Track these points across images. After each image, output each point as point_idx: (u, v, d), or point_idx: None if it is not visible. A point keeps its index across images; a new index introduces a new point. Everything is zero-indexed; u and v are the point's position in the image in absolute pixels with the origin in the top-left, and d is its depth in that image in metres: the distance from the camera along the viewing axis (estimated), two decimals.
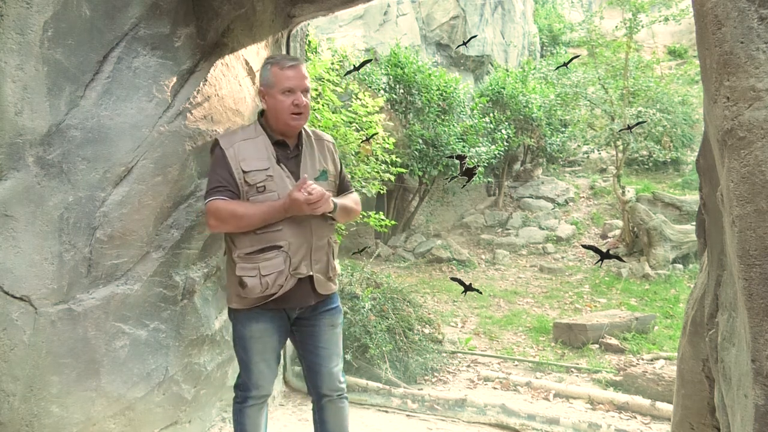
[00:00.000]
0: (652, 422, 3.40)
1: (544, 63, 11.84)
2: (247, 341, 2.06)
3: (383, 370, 3.82)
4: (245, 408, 2.13)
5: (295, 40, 3.27)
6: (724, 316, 1.44)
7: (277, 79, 2.00)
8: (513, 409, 3.28)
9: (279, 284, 1.97)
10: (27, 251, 1.92)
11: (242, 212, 1.94)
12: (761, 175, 1.15)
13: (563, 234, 9.21)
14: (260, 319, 2.04)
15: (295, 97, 1.99)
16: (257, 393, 2.11)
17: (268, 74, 2.03)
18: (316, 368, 2.15)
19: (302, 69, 2.03)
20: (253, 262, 1.97)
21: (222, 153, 2.00)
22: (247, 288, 1.96)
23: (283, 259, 1.98)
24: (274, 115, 2.04)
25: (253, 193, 1.97)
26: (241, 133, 2.08)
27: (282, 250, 1.98)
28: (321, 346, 2.14)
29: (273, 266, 1.96)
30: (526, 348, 5.17)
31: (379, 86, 8.11)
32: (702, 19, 1.27)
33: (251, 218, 1.94)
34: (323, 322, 2.14)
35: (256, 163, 1.99)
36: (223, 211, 1.94)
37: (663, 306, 6.33)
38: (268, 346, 2.08)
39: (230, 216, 1.94)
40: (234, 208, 1.94)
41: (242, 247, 1.99)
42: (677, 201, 8.98)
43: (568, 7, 15.51)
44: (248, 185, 1.97)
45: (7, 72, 1.83)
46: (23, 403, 1.96)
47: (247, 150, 2.01)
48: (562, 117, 10.42)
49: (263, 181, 1.98)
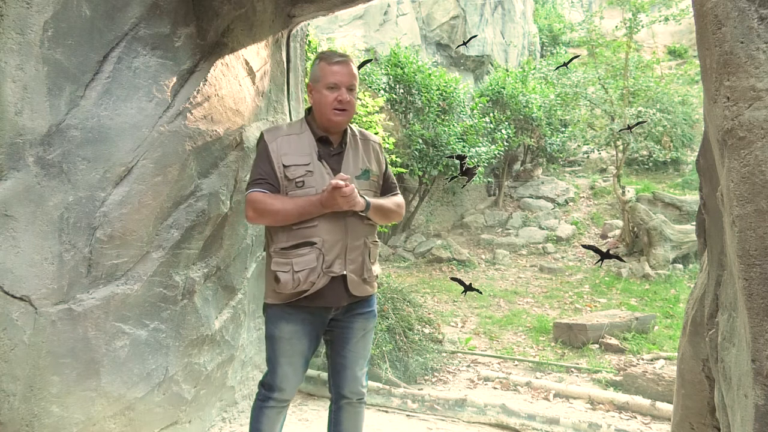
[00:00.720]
0: (652, 422, 3.40)
1: (544, 63, 11.84)
2: (276, 341, 2.04)
3: (383, 370, 3.82)
4: (265, 408, 2.09)
5: (295, 40, 3.27)
6: (724, 316, 1.44)
7: (323, 74, 2.01)
8: (513, 409, 3.28)
9: (311, 281, 1.96)
10: (27, 251, 1.92)
11: (279, 206, 1.95)
12: (761, 175, 1.15)
13: (563, 234, 9.21)
14: (291, 320, 2.02)
15: (339, 93, 1.99)
16: (279, 396, 2.08)
17: (315, 69, 2.04)
18: (340, 369, 2.15)
19: (350, 66, 2.03)
20: (287, 258, 1.97)
21: (265, 146, 2.02)
22: (280, 283, 1.96)
23: (316, 256, 1.97)
24: (318, 110, 2.05)
25: (292, 188, 1.98)
26: (286, 128, 2.11)
27: (315, 246, 1.97)
28: (349, 349, 2.13)
29: (305, 263, 1.96)
30: (526, 348, 5.17)
31: (379, 86, 8.11)
32: (702, 19, 1.27)
33: (288, 212, 1.95)
34: (356, 326, 2.12)
35: (297, 158, 2.00)
36: (261, 203, 1.95)
37: (663, 306, 6.33)
38: (296, 349, 2.04)
39: (267, 208, 1.95)
40: (272, 201, 1.96)
41: (278, 242, 2.00)
42: (677, 201, 8.98)
43: (568, 7, 15.51)
44: (288, 180, 1.98)
45: (7, 72, 1.83)
46: (23, 403, 1.96)
47: (289, 145, 2.02)
48: (562, 117, 10.41)
49: (302, 177, 1.99)
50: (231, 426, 2.88)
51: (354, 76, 2.04)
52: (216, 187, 2.52)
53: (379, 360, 3.85)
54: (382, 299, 4.24)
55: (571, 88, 9.08)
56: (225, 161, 2.58)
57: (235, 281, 2.77)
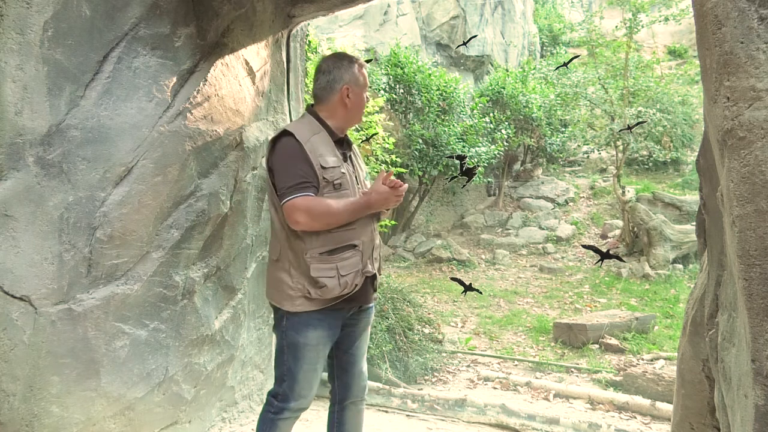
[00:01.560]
0: (652, 422, 3.40)
1: (544, 63, 11.85)
2: (301, 349, 1.96)
3: (383, 370, 3.82)
4: (278, 420, 2.00)
5: (295, 40, 3.27)
6: (724, 316, 1.44)
7: (363, 79, 2.05)
8: (513, 409, 3.28)
9: (355, 284, 1.96)
10: (27, 251, 1.92)
11: (336, 209, 1.88)
12: (761, 175, 1.15)
13: (563, 234, 9.21)
14: (318, 326, 1.96)
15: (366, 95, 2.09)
16: (297, 405, 2.00)
17: (354, 72, 2.04)
18: (348, 367, 2.14)
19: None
20: (330, 263, 1.92)
21: (299, 146, 1.91)
22: (325, 288, 1.90)
23: (359, 258, 1.97)
24: (353, 111, 2.06)
25: (329, 190, 1.92)
26: (307, 127, 2.00)
27: (357, 249, 1.96)
28: (357, 346, 2.14)
29: (351, 265, 1.94)
30: (526, 348, 5.17)
31: (379, 86, 8.11)
32: (702, 19, 1.27)
33: (342, 215, 1.90)
34: (362, 323, 2.14)
35: (332, 159, 1.95)
36: (317, 208, 1.86)
37: (663, 306, 6.33)
38: (320, 355, 2.01)
39: (325, 213, 1.87)
40: (328, 204, 1.88)
41: (315, 247, 1.92)
42: (677, 201, 8.98)
43: (568, 7, 15.51)
44: (326, 182, 1.91)
45: (7, 72, 1.83)
46: (23, 403, 1.96)
47: (321, 146, 1.95)
48: (562, 117, 10.42)
49: (339, 179, 1.94)
50: (231, 426, 2.88)
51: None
52: (216, 187, 2.52)
53: (379, 360, 3.85)
54: (382, 299, 4.24)
55: (571, 88, 9.08)
56: (225, 161, 2.58)
57: (235, 281, 2.77)
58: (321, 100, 2.05)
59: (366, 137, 5.30)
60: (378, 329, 3.95)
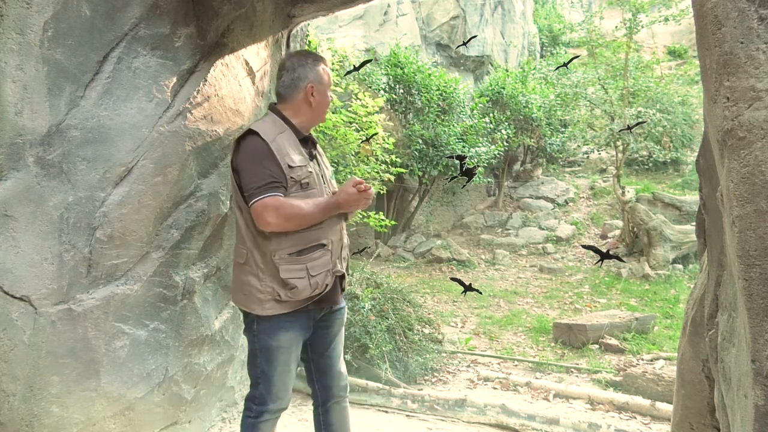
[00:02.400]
0: (652, 422, 3.40)
1: (544, 63, 11.85)
2: (273, 352, 1.95)
3: (383, 370, 3.81)
4: (259, 423, 1.99)
5: (295, 40, 3.27)
6: (724, 316, 1.44)
7: (326, 78, 2.04)
8: (513, 410, 3.28)
9: (326, 283, 1.95)
10: (27, 251, 1.92)
11: (307, 210, 1.87)
12: (761, 175, 1.15)
13: (563, 234, 9.21)
14: (290, 328, 1.95)
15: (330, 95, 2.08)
16: (275, 407, 1.99)
17: (319, 71, 2.03)
18: (326, 370, 2.13)
19: None
20: (300, 263, 1.90)
21: (265, 145, 1.88)
22: (295, 290, 1.88)
23: (329, 257, 1.96)
24: (318, 111, 2.05)
25: (296, 190, 1.90)
26: (272, 126, 1.96)
27: (326, 248, 1.95)
28: (333, 348, 2.13)
29: (321, 265, 1.93)
30: (526, 348, 5.17)
31: (379, 86, 8.11)
32: (702, 19, 1.27)
33: (312, 216, 1.88)
34: (336, 324, 2.14)
35: (298, 158, 1.93)
36: (287, 208, 1.84)
37: (663, 306, 6.33)
38: (293, 356, 1.99)
39: (295, 214, 1.85)
40: (298, 205, 1.86)
41: (284, 248, 1.89)
42: (677, 201, 8.98)
43: (568, 7, 15.52)
44: (293, 181, 1.89)
45: (7, 72, 1.83)
46: (23, 403, 1.96)
47: (287, 144, 1.93)
48: (562, 117, 10.42)
49: (306, 177, 1.93)
50: (231, 426, 2.88)
51: None
52: (216, 187, 2.52)
53: (379, 360, 3.85)
54: (382, 299, 4.24)
55: (571, 89, 9.08)
56: (225, 161, 2.58)
57: None
58: (284, 98, 2.03)
59: (366, 137, 5.30)
60: (378, 329, 3.95)
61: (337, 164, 5.20)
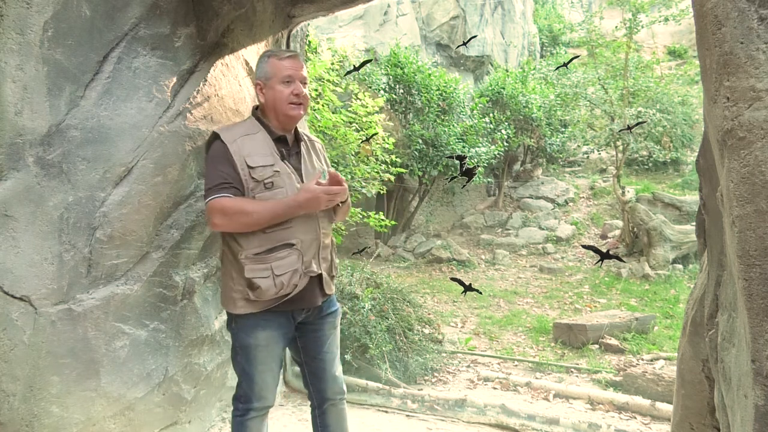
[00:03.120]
0: (652, 422, 3.40)
1: (544, 63, 11.85)
2: (252, 350, 1.95)
3: (383, 370, 3.82)
4: (246, 421, 2.00)
5: (295, 41, 3.27)
6: (724, 316, 1.44)
7: (275, 70, 1.96)
8: (513, 410, 3.28)
9: (294, 283, 1.92)
10: (27, 251, 1.92)
11: (251, 209, 1.85)
12: (761, 175, 1.15)
13: (563, 234, 9.22)
14: (267, 326, 1.95)
15: (294, 87, 1.96)
16: (260, 405, 2.00)
17: (265, 66, 1.99)
18: (320, 373, 2.11)
19: (300, 60, 2.01)
20: (264, 263, 1.89)
21: (224, 147, 1.91)
22: (259, 290, 1.88)
23: (297, 257, 1.93)
24: (273, 107, 1.99)
25: (260, 190, 1.90)
26: (240, 128, 2.00)
27: (295, 248, 1.93)
28: (325, 351, 2.11)
29: (287, 265, 1.91)
30: (526, 348, 5.17)
31: (379, 86, 8.11)
32: (702, 19, 1.27)
33: (260, 216, 1.86)
34: (327, 326, 2.11)
35: (262, 158, 1.92)
36: (231, 208, 1.85)
37: (663, 306, 6.33)
38: (273, 355, 1.98)
39: (238, 214, 1.85)
40: (242, 205, 1.85)
41: (250, 248, 1.90)
42: (677, 201, 8.98)
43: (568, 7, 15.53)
44: (255, 181, 1.89)
45: (7, 72, 1.83)
46: (23, 403, 1.96)
47: (250, 145, 1.93)
48: (562, 117, 10.43)
49: (271, 177, 1.91)
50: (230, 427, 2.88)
51: (305, 69, 2.01)
52: None
53: (379, 360, 3.85)
54: (382, 299, 4.24)
55: (571, 89, 9.09)
56: None
57: None
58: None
59: (366, 137, 5.30)
60: (378, 329, 3.95)
61: (337, 164, 5.20)
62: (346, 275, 4.32)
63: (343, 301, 4.02)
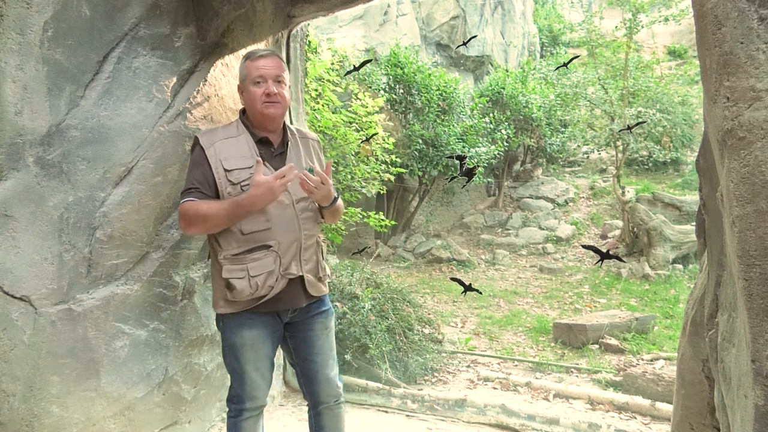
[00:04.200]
0: (652, 422, 3.40)
1: (544, 63, 11.85)
2: (239, 349, 1.95)
3: (383, 370, 3.82)
4: (240, 422, 2.00)
5: (295, 41, 3.27)
6: (724, 316, 1.44)
7: (248, 71, 1.98)
8: (513, 410, 3.28)
9: (269, 285, 1.91)
10: (27, 251, 1.92)
11: (206, 211, 1.85)
12: (761, 175, 1.15)
13: (563, 234, 9.21)
14: (252, 326, 1.95)
15: (266, 87, 1.95)
16: (252, 405, 2.00)
17: (242, 68, 2.01)
18: (312, 375, 2.09)
19: (275, 59, 1.99)
20: (240, 263, 1.90)
21: (201, 152, 1.93)
22: (235, 290, 1.88)
23: (273, 258, 1.92)
24: (250, 108, 2.00)
25: (237, 193, 1.89)
26: (221, 131, 2.01)
27: (272, 249, 1.92)
28: (316, 352, 2.08)
29: (262, 266, 1.90)
30: (526, 348, 5.18)
31: (379, 86, 8.11)
32: (702, 19, 1.27)
33: (215, 217, 1.86)
34: (316, 327, 2.08)
35: (239, 161, 1.93)
36: (190, 212, 1.87)
37: (663, 306, 6.33)
38: (260, 354, 1.98)
39: (195, 217, 1.86)
40: (198, 208, 1.86)
41: (228, 249, 1.91)
42: (677, 201, 8.98)
43: (568, 7, 15.52)
44: (231, 184, 1.90)
45: (7, 72, 1.83)
46: (23, 403, 1.96)
47: (228, 148, 1.95)
48: (562, 117, 10.43)
49: (247, 180, 1.89)
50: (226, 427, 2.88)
51: (281, 68, 1.99)
52: None
53: (379, 360, 3.85)
54: (382, 299, 4.25)
55: (571, 89, 9.08)
56: None
57: None
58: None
59: (366, 137, 5.30)
60: (378, 329, 3.95)
61: (337, 164, 5.20)
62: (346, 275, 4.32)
63: (343, 301, 4.02)
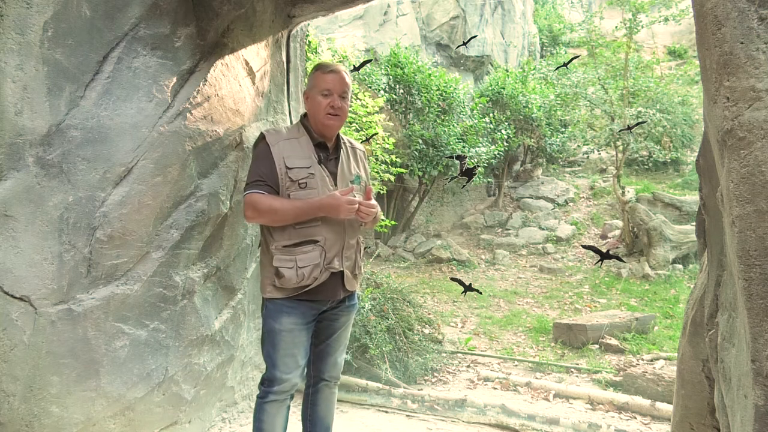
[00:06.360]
0: (652, 422, 3.40)
1: (544, 63, 11.85)
2: (276, 334, 2.11)
3: (383, 370, 3.81)
4: (264, 403, 2.15)
5: (295, 41, 3.27)
6: (724, 316, 1.44)
7: (317, 82, 2.15)
8: (513, 410, 3.28)
9: (314, 276, 2.08)
10: (27, 251, 1.92)
11: (278, 206, 2.04)
12: (761, 175, 1.15)
13: (563, 234, 9.21)
14: (292, 313, 2.11)
15: (331, 99, 2.13)
16: (279, 388, 2.13)
17: (311, 78, 2.19)
18: (324, 356, 2.29)
19: (343, 75, 2.17)
20: (290, 255, 2.07)
21: (267, 148, 2.10)
22: (283, 278, 2.06)
23: (319, 253, 2.09)
24: (312, 116, 2.18)
25: (294, 189, 2.08)
26: (286, 131, 2.20)
27: (318, 244, 2.09)
28: (335, 338, 2.29)
29: (309, 259, 2.08)
30: (526, 348, 5.17)
31: (379, 86, 8.11)
32: (702, 19, 1.27)
33: (286, 213, 2.05)
34: (342, 318, 2.28)
35: (300, 161, 2.11)
36: (261, 203, 2.04)
37: (663, 306, 6.33)
38: (296, 341, 2.13)
39: (267, 209, 2.04)
40: (271, 202, 2.05)
41: (280, 240, 2.09)
42: (677, 201, 8.98)
43: (568, 7, 15.53)
44: (291, 181, 2.08)
45: (7, 72, 1.83)
46: (23, 403, 1.96)
47: (291, 148, 2.13)
48: (562, 117, 10.42)
49: (305, 179, 2.09)
50: (231, 426, 2.88)
51: (346, 84, 2.18)
52: (216, 187, 2.52)
53: (379, 360, 3.85)
54: (382, 299, 4.24)
55: (571, 89, 9.08)
56: (225, 161, 2.58)
57: (234, 281, 2.77)
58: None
59: (366, 137, 5.30)
60: (378, 329, 3.95)
61: None
62: None
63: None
